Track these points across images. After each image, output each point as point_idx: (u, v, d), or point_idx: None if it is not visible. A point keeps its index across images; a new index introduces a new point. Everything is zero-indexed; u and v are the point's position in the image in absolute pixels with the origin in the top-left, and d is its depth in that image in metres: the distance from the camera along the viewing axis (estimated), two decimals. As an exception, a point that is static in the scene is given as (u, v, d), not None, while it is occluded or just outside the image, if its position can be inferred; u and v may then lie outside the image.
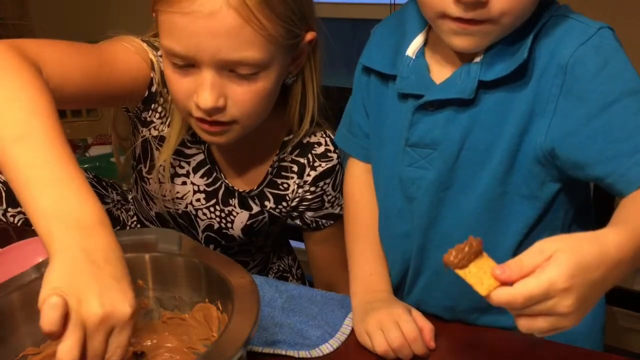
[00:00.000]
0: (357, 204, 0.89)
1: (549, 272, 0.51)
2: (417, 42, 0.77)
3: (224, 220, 0.99)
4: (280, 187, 0.99)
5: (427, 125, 0.75)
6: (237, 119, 0.83)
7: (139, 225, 1.09)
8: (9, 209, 1.01)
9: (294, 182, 0.98)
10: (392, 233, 0.83)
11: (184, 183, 0.97)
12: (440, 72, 0.74)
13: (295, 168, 0.98)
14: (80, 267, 0.55)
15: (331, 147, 0.98)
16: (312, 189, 0.99)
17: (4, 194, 1.00)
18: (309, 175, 0.98)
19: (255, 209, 0.99)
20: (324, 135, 0.98)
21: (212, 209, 0.99)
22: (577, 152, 0.67)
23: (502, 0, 0.65)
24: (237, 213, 0.99)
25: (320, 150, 0.97)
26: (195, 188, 0.97)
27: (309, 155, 0.98)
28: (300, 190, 0.99)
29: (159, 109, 0.93)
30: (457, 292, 0.78)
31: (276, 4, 0.77)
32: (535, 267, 0.52)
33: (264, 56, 0.79)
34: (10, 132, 0.62)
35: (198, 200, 0.98)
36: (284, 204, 1.00)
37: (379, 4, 1.93)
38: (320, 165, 0.98)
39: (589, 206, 0.82)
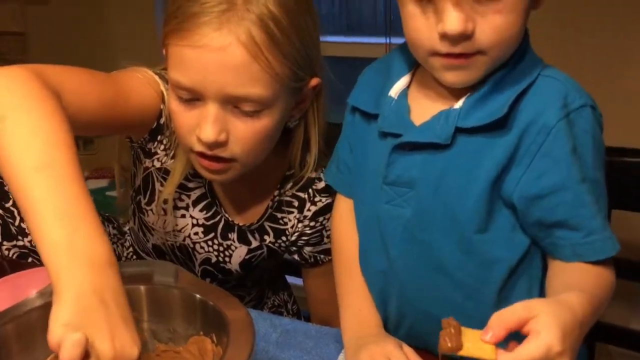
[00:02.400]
0: (343, 240, 0.89)
1: (545, 336, 0.55)
2: (401, 83, 0.80)
3: (222, 254, 0.99)
4: (280, 221, 0.99)
5: (404, 164, 0.76)
6: (237, 156, 0.84)
7: (135, 257, 1.09)
8: (4, 242, 1.01)
9: (294, 216, 0.99)
10: (370, 269, 0.84)
11: (183, 216, 0.97)
12: (420, 114, 0.76)
13: (295, 203, 0.98)
14: (90, 306, 0.55)
15: None
16: (312, 223, 0.99)
17: (0, 229, 1.00)
18: (309, 210, 0.98)
19: (255, 243, 0.99)
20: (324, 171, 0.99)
21: (210, 242, 0.99)
22: (540, 213, 0.71)
23: (487, 31, 0.67)
24: (236, 247, 0.99)
25: (320, 185, 0.98)
26: (194, 221, 0.98)
27: (310, 190, 0.98)
28: (300, 225, 0.99)
29: (165, 141, 0.94)
30: None
31: (284, 45, 0.79)
32: (519, 321, 0.56)
33: (269, 94, 0.80)
34: (30, 162, 0.62)
35: (196, 233, 0.98)
36: (284, 238, 1.00)
37: (375, 43, 1.97)
38: (320, 200, 0.98)
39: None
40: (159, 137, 0.93)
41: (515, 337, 0.57)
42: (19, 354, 0.63)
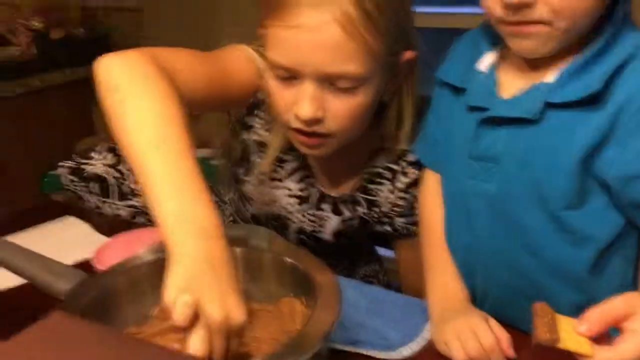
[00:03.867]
0: (430, 214, 0.89)
1: None
2: (490, 57, 0.78)
3: (315, 224, 1.03)
4: (373, 193, 1.01)
5: (490, 138, 0.75)
6: (334, 132, 0.85)
7: (233, 225, 1.14)
8: (118, 202, 1.10)
9: (387, 188, 1.00)
10: (455, 244, 0.84)
11: (279, 187, 1.01)
12: (509, 88, 0.74)
13: (388, 175, 0.99)
14: (203, 272, 0.59)
15: None
16: (404, 195, 1.00)
17: (116, 189, 1.09)
18: (401, 182, 0.99)
19: (347, 214, 1.02)
20: None
21: (304, 213, 1.02)
22: (635, 194, 0.67)
23: (550, 2, 0.65)
24: (329, 217, 1.02)
25: (412, 157, 0.98)
26: (289, 192, 1.01)
27: (402, 163, 0.99)
28: (392, 196, 1.00)
29: (261, 115, 0.97)
30: (530, 306, 0.77)
31: (380, 20, 0.79)
32: (619, 318, 0.54)
33: (365, 71, 0.81)
34: (145, 139, 0.67)
35: (291, 204, 1.02)
36: (376, 209, 1.02)
37: (475, 14, 1.92)
38: (413, 172, 0.99)
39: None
40: (256, 112, 0.97)
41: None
42: (128, 303, 0.69)
